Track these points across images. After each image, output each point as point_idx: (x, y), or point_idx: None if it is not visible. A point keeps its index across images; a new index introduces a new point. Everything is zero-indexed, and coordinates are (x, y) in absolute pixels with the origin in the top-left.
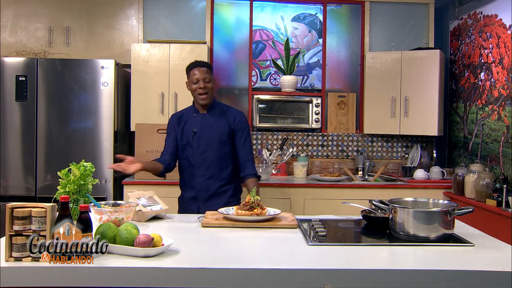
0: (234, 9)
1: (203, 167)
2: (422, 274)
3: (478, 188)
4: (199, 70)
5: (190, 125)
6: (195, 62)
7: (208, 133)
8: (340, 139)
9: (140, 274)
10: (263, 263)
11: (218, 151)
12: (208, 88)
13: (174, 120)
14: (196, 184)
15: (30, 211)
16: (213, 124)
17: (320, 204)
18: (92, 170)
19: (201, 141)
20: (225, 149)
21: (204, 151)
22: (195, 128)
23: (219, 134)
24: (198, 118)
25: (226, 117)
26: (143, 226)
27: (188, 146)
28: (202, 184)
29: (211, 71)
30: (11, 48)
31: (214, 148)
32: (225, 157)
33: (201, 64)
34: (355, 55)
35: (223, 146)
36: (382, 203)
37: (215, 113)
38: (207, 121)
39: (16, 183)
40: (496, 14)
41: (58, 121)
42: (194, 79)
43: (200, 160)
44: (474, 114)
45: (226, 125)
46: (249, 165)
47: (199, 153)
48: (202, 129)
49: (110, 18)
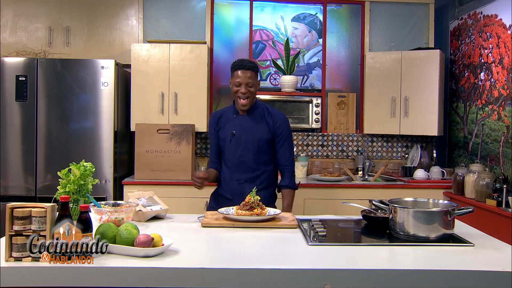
0: (234, 9)
1: (239, 171)
2: (422, 274)
3: (478, 188)
4: (243, 73)
5: (229, 126)
6: (240, 63)
7: (247, 137)
8: (340, 139)
9: (140, 274)
10: (263, 263)
11: (255, 156)
12: (250, 93)
13: (214, 120)
14: (231, 187)
15: (30, 211)
16: (253, 127)
17: (320, 204)
18: (92, 170)
19: (239, 145)
20: (263, 154)
21: (241, 155)
22: (234, 130)
23: (258, 138)
24: (237, 119)
25: (266, 121)
26: (143, 226)
27: (226, 148)
28: (237, 188)
29: (256, 74)
30: (11, 48)
31: (251, 152)
32: (262, 162)
33: (247, 66)
34: (355, 55)
35: (261, 151)
36: (382, 203)
37: (255, 115)
38: (246, 123)
39: (16, 183)
40: (496, 14)
41: (58, 121)
42: (236, 81)
43: (236, 163)
44: (474, 114)
45: (265, 129)
46: (287, 174)
47: (236, 156)
48: (241, 132)
49: (110, 18)
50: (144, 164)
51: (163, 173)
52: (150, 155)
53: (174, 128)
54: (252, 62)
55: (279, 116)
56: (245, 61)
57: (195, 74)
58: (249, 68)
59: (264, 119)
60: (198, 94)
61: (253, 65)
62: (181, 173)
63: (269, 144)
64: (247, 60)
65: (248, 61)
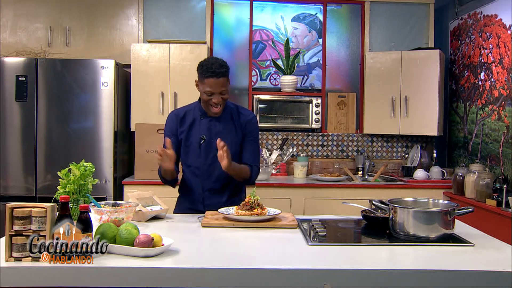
0: (234, 9)
1: (209, 180)
2: (422, 274)
3: (478, 188)
4: (215, 83)
5: (197, 129)
6: (210, 70)
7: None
8: (340, 139)
9: (140, 274)
10: (263, 263)
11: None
12: (223, 101)
13: (175, 119)
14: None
15: (30, 211)
16: (224, 131)
17: (320, 204)
18: (92, 170)
19: (209, 151)
20: (236, 160)
21: (212, 162)
22: (203, 134)
23: (230, 143)
24: (205, 122)
25: (236, 123)
26: (143, 226)
27: (192, 153)
28: (210, 198)
29: (227, 78)
30: (11, 48)
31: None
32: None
33: (218, 74)
34: (355, 55)
35: (234, 157)
36: (382, 203)
37: (225, 117)
38: (216, 127)
39: (16, 183)
40: (496, 14)
41: (58, 121)
42: (207, 90)
43: (206, 171)
44: (474, 114)
45: (237, 132)
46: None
47: (207, 164)
48: (211, 136)
49: (110, 18)
50: (144, 164)
51: None
52: (150, 155)
53: None
54: (223, 66)
55: (248, 115)
56: (215, 66)
57: (195, 74)
58: (222, 75)
59: (233, 120)
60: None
61: (225, 70)
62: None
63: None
64: (217, 64)
65: (218, 66)
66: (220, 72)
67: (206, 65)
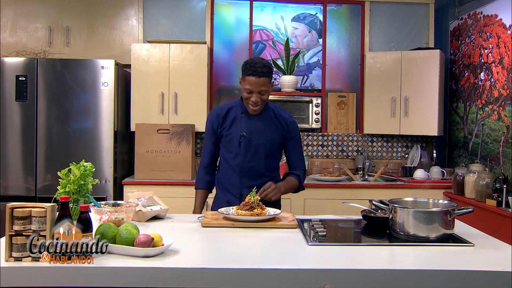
0: (234, 9)
1: (248, 177)
2: (422, 274)
3: (478, 188)
4: (256, 81)
5: (237, 126)
6: (253, 68)
7: (258, 140)
8: (340, 139)
9: (140, 274)
10: (263, 263)
11: (266, 161)
12: (261, 101)
13: (217, 117)
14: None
15: (30, 211)
16: (264, 129)
17: (320, 204)
18: (92, 170)
19: (249, 148)
20: (273, 159)
21: (252, 159)
22: (244, 132)
23: (270, 141)
24: (246, 120)
25: (276, 123)
26: (143, 226)
27: (232, 150)
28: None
29: (270, 79)
30: (11, 48)
31: (262, 157)
32: (271, 168)
33: (259, 73)
34: (355, 55)
35: (272, 155)
36: (382, 203)
37: (266, 116)
38: (257, 125)
39: (16, 183)
40: (496, 14)
41: (58, 121)
42: (247, 88)
43: (246, 168)
44: (474, 114)
45: (277, 132)
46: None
47: (246, 161)
48: (251, 134)
49: (110, 18)
50: (144, 164)
51: (163, 173)
52: (150, 155)
53: (174, 128)
54: (266, 66)
55: (289, 118)
56: (259, 65)
57: (195, 74)
58: (263, 75)
59: (273, 120)
60: (198, 94)
61: (268, 70)
62: (181, 173)
63: (280, 148)
64: (261, 63)
65: (261, 65)
66: (262, 71)
67: (249, 63)
